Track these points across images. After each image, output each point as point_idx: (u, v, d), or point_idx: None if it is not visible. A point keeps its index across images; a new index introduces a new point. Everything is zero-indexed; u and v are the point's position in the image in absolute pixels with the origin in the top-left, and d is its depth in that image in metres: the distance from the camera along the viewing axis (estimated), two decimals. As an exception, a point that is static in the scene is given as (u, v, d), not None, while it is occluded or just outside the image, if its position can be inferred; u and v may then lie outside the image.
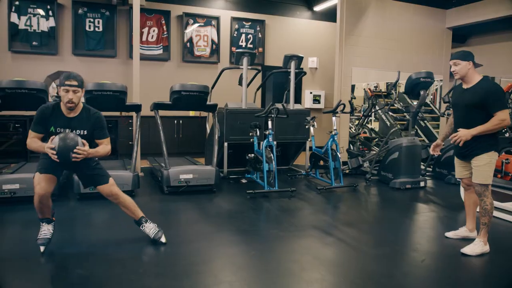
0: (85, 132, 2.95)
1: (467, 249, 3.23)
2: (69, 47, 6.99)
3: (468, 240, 3.41)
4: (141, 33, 7.15)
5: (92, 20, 7.02)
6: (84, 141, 2.82)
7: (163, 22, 7.47)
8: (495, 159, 3.18)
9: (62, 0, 6.90)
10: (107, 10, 7.07)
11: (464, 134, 3.12)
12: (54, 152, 2.69)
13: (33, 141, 2.88)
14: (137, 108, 4.97)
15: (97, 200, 4.38)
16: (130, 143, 6.53)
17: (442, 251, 3.38)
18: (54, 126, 2.88)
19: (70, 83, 2.81)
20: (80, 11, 6.93)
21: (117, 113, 6.78)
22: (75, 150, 2.72)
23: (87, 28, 7.00)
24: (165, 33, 7.48)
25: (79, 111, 2.95)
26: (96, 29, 7.04)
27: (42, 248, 2.97)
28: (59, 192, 4.45)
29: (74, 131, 2.89)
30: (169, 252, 3.12)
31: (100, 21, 7.06)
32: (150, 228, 3.24)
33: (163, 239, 3.23)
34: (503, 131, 6.35)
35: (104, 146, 3.04)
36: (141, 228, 3.25)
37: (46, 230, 3.05)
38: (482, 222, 3.24)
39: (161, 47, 7.48)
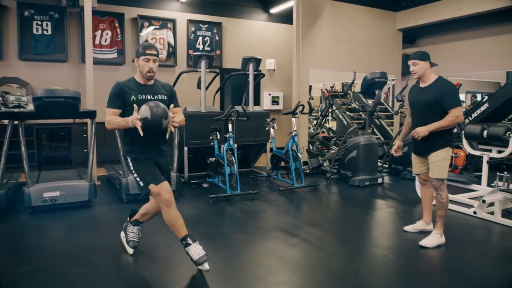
0: (165, 97, 2.90)
1: (425, 242, 3.36)
2: (15, 51, 6.60)
3: (425, 233, 3.55)
4: (94, 37, 6.87)
5: (40, 22, 6.66)
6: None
7: (117, 25, 7.24)
8: (450, 154, 3.36)
9: (6, 2, 6.50)
10: (56, 12, 6.74)
11: (422, 130, 3.29)
12: (140, 124, 2.57)
13: (112, 118, 2.76)
14: (91, 114, 4.77)
15: (50, 213, 4.18)
16: (85, 151, 6.26)
17: (402, 245, 3.49)
18: (135, 95, 2.80)
19: (151, 52, 2.79)
20: (26, 13, 6.55)
21: (70, 121, 6.48)
22: (171, 116, 2.68)
23: (34, 31, 6.64)
24: (119, 36, 7.25)
25: (154, 80, 2.93)
26: (45, 32, 6.70)
27: (207, 266, 2.75)
28: (7, 207, 4.19)
29: (155, 96, 2.85)
30: (131, 263, 3.00)
31: (49, 24, 6.71)
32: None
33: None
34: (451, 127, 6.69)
35: (182, 115, 2.95)
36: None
37: (197, 249, 2.75)
38: (438, 215, 3.39)
39: (115, 50, 7.24)
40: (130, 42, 7.39)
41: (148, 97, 2.82)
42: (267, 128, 5.95)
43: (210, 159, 5.33)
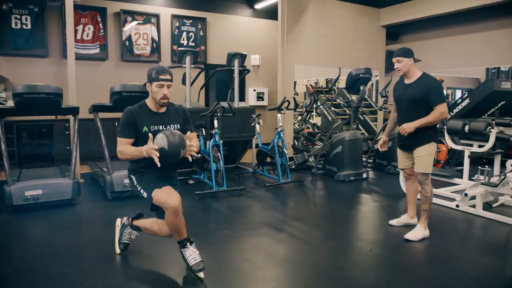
0: (178, 127, 2.70)
1: (410, 235, 3.42)
2: (-7, 46, 6.42)
3: (410, 227, 3.61)
4: (75, 31, 6.73)
5: (18, 16, 6.48)
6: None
7: (99, 19, 7.10)
8: (434, 149, 3.42)
9: (-18, -5, 6.31)
10: (35, 6, 6.56)
11: (408, 126, 3.34)
12: (158, 154, 2.38)
13: (126, 147, 2.55)
14: (74, 111, 4.67)
15: (32, 212, 4.09)
16: (68, 148, 6.14)
17: (387, 239, 3.54)
18: (147, 125, 2.60)
19: (165, 78, 2.58)
20: (4, 6, 6.36)
21: (52, 117, 6.34)
22: (188, 144, 2.50)
23: (13, 26, 6.45)
24: (102, 31, 7.11)
25: (166, 107, 2.71)
26: (24, 26, 6.52)
27: (202, 275, 2.63)
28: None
29: (168, 126, 2.66)
30: (118, 262, 2.97)
31: (28, 18, 6.54)
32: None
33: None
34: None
35: (197, 140, 2.77)
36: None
37: (194, 253, 2.67)
38: (422, 209, 3.45)
39: (98, 45, 7.11)
40: (112, 37, 7.27)
41: (161, 127, 2.64)
42: (252, 124, 5.94)
43: (195, 155, 5.28)
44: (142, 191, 2.64)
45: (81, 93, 5.81)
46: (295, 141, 7.58)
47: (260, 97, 8.76)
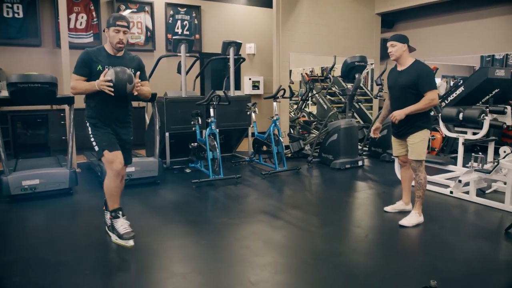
0: (133, 71, 2.90)
1: (405, 221, 3.47)
2: (-15, 35, 6.34)
3: (404, 213, 3.66)
4: (69, 20, 6.65)
5: (10, 5, 6.38)
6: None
7: (92, 7, 7.01)
8: (428, 136, 3.45)
9: (-27, -16, 6.21)
10: (27, -6, 6.48)
11: (398, 113, 3.36)
12: (111, 84, 2.67)
13: (78, 83, 2.81)
14: (69, 100, 4.63)
15: (29, 201, 4.10)
16: (64, 138, 6.12)
17: (383, 225, 3.60)
18: (102, 65, 2.84)
19: (121, 24, 2.83)
20: (-5, -5, 6.28)
21: (47, 107, 6.31)
22: (136, 81, 2.77)
23: (5, 15, 6.36)
24: (95, 19, 7.03)
25: (123, 52, 2.97)
26: (16, 15, 6.43)
27: (132, 242, 2.83)
28: (-15, 195, 4.09)
29: None
30: (117, 249, 2.99)
31: (20, 6, 6.44)
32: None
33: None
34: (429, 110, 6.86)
35: (148, 87, 3.04)
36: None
37: (125, 224, 2.88)
38: (417, 195, 3.50)
39: (92, 34, 7.04)
40: (106, 26, 7.19)
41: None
42: (248, 113, 5.94)
43: (192, 144, 5.30)
44: (94, 143, 2.92)
45: (75, 82, 5.76)
46: (291, 129, 7.60)
47: (255, 85, 8.74)
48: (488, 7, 7.56)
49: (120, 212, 2.91)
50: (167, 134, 5.65)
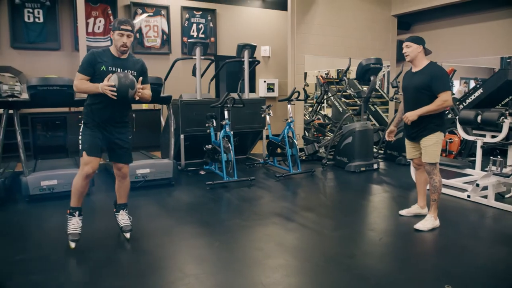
0: (135, 74, 3.01)
1: (420, 225, 3.42)
2: (7, 40, 6.52)
3: (420, 217, 3.61)
4: (87, 24, 6.80)
5: (31, 10, 6.57)
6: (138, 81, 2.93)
7: (110, 12, 7.16)
8: (441, 139, 3.40)
9: (-4, -10, 6.41)
10: (47, 0, 6.65)
11: (411, 114, 3.34)
12: (114, 89, 2.75)
13: (81, 82, 2.91)
14: (87, 102, 4.73)
15: (48, 201, 4.19)
16: (81, 139, 6.23)
17: (397, 229, 3.55)
18: (106, 66, 2.93)
19: (125, 28, 2.92)
20: (17, 1, 6.45)
21: (66, 109, 6.45)
22: (138, 87, 2.86)
23: (26, 19, 6.55)
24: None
25: (127, 55, 3.06)
26: (37, 20, 6.61)
27: (73, 245, 2.95)
28: (4, 196, 4.19)
29: (126, 71, 2.97)
30: (131, 249, 3.04)
31: (41, 11, 6.63)
32: (123, 219, 3.24)
33: (127, 235, 3.18)
34: (446, 112, 6.75)
35: (149, 90, 3.12)
36: (116, 213, 3.29)
37: (76, 224, 3.01)
38: (432, 199, 3.44)
39: (109, 38, 7.17)
40: (123, 30, 7.31)
41: (119, 70, 2.95)
42: (263, 115, 5.96)
43: (206, 146, 5.34)
44: (80, 141, 3.04)
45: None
46: (306, 132, 7.58)
47: (270, 88, 8.76)
48: (507, 8, 7.41)
49: (77, 212, 3.03)
50: (182, 136, 5.71)
